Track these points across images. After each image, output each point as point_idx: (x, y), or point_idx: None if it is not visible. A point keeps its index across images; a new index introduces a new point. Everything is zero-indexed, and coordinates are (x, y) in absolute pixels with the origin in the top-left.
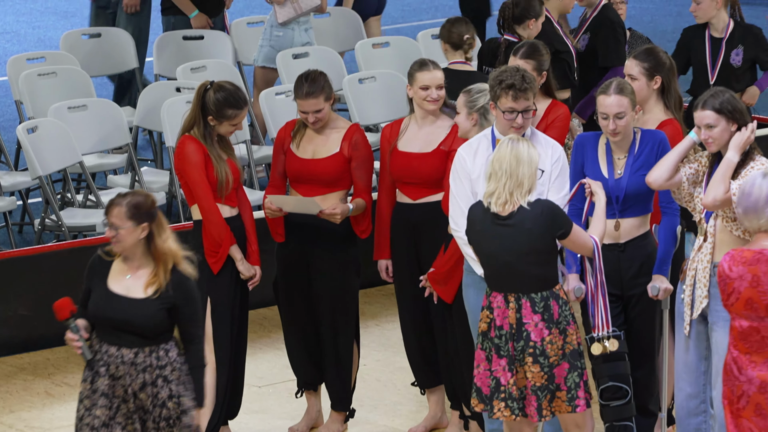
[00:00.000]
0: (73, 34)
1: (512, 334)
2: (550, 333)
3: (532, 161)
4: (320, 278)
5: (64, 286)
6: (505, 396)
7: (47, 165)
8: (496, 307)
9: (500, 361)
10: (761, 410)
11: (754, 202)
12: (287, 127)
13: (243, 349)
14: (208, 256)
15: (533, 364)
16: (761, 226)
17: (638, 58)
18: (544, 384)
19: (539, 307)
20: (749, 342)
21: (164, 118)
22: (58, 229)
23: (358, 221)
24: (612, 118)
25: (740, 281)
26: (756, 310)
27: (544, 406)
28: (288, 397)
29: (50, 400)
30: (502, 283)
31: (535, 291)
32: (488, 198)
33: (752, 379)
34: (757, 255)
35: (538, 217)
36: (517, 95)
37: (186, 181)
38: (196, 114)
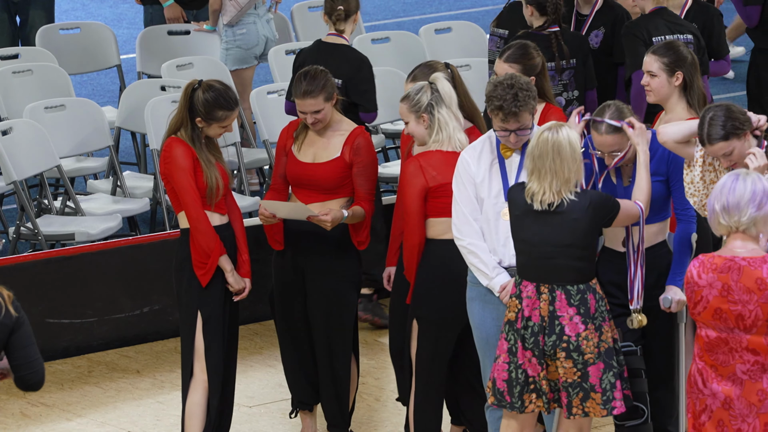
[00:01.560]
0: (50, 29)
1: (543, 327)
2: (586, 329)
3: (575, 153)
4: (315, 292)
5: (40, 299)
6: (536, 387)
7: (22, 169)
8: (525, 297)
9: (525, 353)
10: (723, 427)
11: (737, 200)
12: (290, 128)
13: (233, 367)
14: (196, 267)
15: (566, 359)
16: (741, 225)
17: (658, 53)
18: (576, 381)
19: (575, 299)
20: (715, 354)
21: (148, 119)
22: (35, 238)
23: (357, 231)
24: (608, 155)
25: (709, 289)
26: (725, 321)
27: (575, 403)
28: (281, 417)
29: (25, 421)
30: (536, 273)
31: (571, 283)
32: (531, 196)
33: (716, 394)
34: (728, 262)
35: (586, 209)
36: (506, 118)
37: (173, 187)
38: (184, 115)
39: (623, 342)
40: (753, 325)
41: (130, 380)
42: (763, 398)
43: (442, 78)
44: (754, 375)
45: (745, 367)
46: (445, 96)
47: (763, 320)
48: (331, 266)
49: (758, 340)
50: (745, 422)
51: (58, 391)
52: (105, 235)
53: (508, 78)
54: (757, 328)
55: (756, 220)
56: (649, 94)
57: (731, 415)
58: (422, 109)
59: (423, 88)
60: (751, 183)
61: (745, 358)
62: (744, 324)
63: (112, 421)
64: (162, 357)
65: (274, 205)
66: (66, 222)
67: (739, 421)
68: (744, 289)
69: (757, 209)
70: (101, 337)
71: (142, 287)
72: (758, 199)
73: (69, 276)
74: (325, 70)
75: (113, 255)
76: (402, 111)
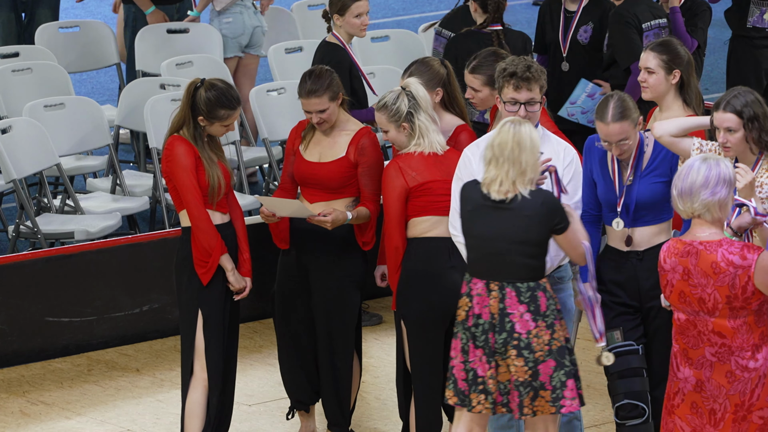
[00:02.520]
0: (50, 27)
1: (493, 325)
2: (537, 326)
3: (534, 147)
4: (318, 291)
5: (40, 297)
6: (483, 388)
7: (22, 168)
8: (475, 295)
9: (476, 351)
10: (697, 408)
11: (690, 185)
12: (299, 127)
13: (233, 365)
14: (197, 266)
15: (517, 357)
16: (695, 210)
17: (656, 51)
18: (527, 380)
19: (525, 297)
20: (687, 336)
21: (147, 117)
22: (34, 237)
23: (362, 231)
24: (615, 144)
25: (673, 273)
26: (689, 304)
27: (525, 403)
28: (280, 416)
29: (25, 420)
30: (486, 270)
31: (521, 280)
32: (488, 185)
33: (688, 378)
34: (688, 247)
35: (539, 206)
36: (519, 84)
37: (175, 185)
38: (186, 113)
39: (624, 341)
40: (714, 308)
41: (130, 378)
42: (732, 380)
43: (415, 82)
44: (722, 357)
45: (713, 349)
46: (422, 101)
47: (723, 303)
48: (335, 265)
49: (722, 323)
50: (716, 402)
51: (57, 389)
52: (104, 233)
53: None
54: (719, 311)
55: (709, 205)
56: (645, 91)
57: (703, 396)
58: (402, 118)
59: (399, 95)
60: (706, 168)
61: (712, 340)
62: (706, 307)
63: (112, 419)
64: (161, 355)
65: (272, 202)
66: (65, 220)
67: (711, 401)
68: (701, 273)
69: (710, 195)
70: (101, 335)
71: (142, 286)
72: (711, 184)
73: (68, 274)
74: (330, 69)
75: (113, 253)
76: (380, 120)
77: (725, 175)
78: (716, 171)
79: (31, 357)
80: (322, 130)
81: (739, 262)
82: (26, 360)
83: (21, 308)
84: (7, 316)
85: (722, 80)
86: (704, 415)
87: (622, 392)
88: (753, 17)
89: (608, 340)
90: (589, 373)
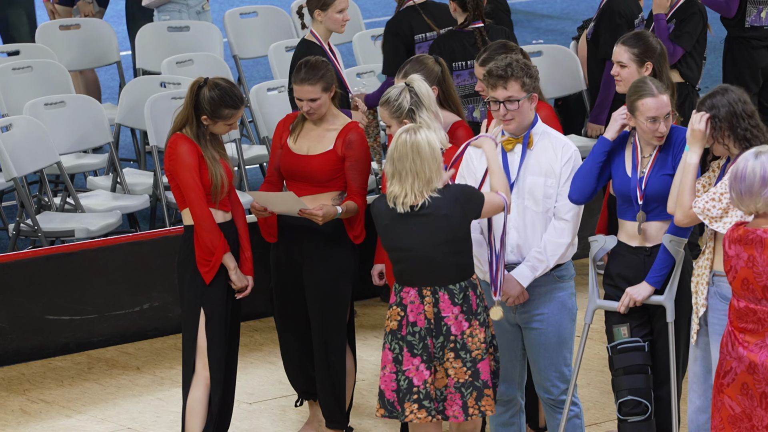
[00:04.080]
0: (50, 26)
1: (430, 330)
2: (470, 325)
3: (435, 152)
4: (311, 285)
5: (40, 295)
6: (419, 397)
7: (22, 166)
8: (408, 303)
9: (413, 360)
10: (747, 390)
11: (749, 186)
12: (287, 120)
13: (234, 364)
14: (200, 264)
15: (455, 360)
16: (759, 209)
17: (627, 44)
18: (468, 380)
19: (458, 298)
20: (745, 322)
21: (148, 116)
22: (34, 235)
23: (351, 225)
24: (662, 120)
25: (737, 260)
26: (753, 291)
27: (470, 404)
28: (281, 414)
29: (25, 418)
30: (416, 278)
31: (453, 282)
32: (393, 199)
33: (742, 358)
34: (751, 235)
35: (453, 203)
36: (495, 83)
37: (177, 184)
38: (189, 112)
39: (631, 337)
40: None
41: (130, 377)
42: None
43: (418, 79)
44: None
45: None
46: (424, 98)
47: None
48: (326, 259)
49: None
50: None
51: (57, 387)
52: (105, 231)
53: (510, 55)
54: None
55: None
56: (618, 84)
57: (755, 379)
58: (404, 115)
59: (402, 91)
60: (761, 167)
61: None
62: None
63: (112, 417)
64: (162, 354)
65: (265, 197)
66: (66, 218)
67: (764, 385)
68: (767, 261)
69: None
70: (101, 333)
71: (142, 284)
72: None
73: (69, 273)
74: (325, 60)
75: (113, 252)
76: (383, 116)
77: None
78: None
79: (32, 355)
80: (312, 120)
81: None
82: (27, 358)
83: (21, 306)
84: (8, 314)
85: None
86: (755, 397)
87: (626, 388)
88: (751, 16)
89: (615, 336)
90: (589, 372)
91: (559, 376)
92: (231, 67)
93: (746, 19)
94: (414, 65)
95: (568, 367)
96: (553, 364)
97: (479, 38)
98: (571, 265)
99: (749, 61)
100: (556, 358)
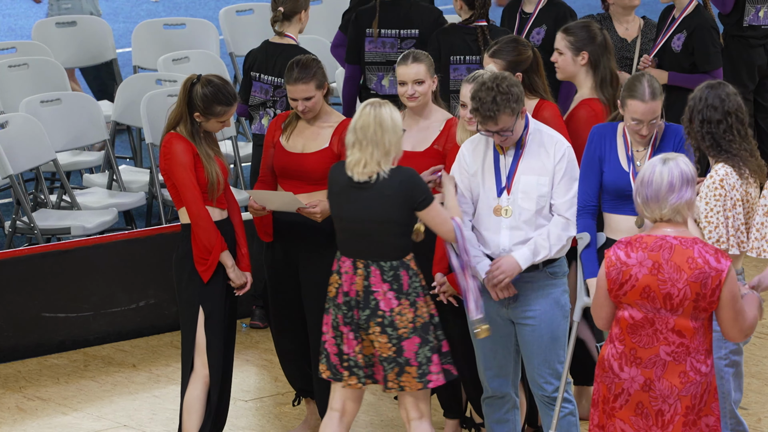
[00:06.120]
0: (46, 23)
1: (358, 302)
2: (400, 304)
3: (396, 127)
4: (306, 283)
5: (36, 293)
6: (350, 364)
7: (18, 163)
8: (344, 272)
9: (344, 327)
10: (643, 409)
11: (655, 191)
12: (278, 119)
13: (231, 361)
14: (197, 263)
15: (381, 334)
16: (663, 216)
17: (564, 32)
18: (391, 356)
19: (388, 275)
20: (639, 336)
21: (144, 113)
22: (30, 232)
23: None
24: (647, 124)
25: (639, 267)
26: (653, 300)
27: (390, 378)
28: (277, 411)
29: (21, 415)
30: (353, 248)
31: (385, 259)
32: (353, 167)
33: (635, 377)
34: (659, 241)
35: (397, 185)
36: (485, 120)
37: (173, 183)
38: (183, 110)
39: None
40: (680, 305)
41: (126, 374)
42: (685, 381)
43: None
44: (678, 357)
45: (670, 348)
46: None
47: (690, 300)
48: (322, 257)
49: (685, 322)
50: (666, 403)
51: (54, 385)
52: (101, 229)
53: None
54: (683, 308)
55: (678, 208)
56: (557, 71)
57: (651, 396)
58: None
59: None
60: (668, 172)
61: (670, 339)
62: (671, 304)
63: (108, 415)
64: (158, 351)
65: (264, 196)
66: (62, 216)
67: (660, 402)
68: (675, 268)
69: (678, 198)
70: (97, 331)
71: (138, 281)
72: (677, 187)
73: (65, 270)
74: (316, 59)
75: (109, 249)
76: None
77: (687, 174)
78: (678, 172)
79: (28, 353)
80: (307, 118)
81: (714, 263)
82: (22, 356)
83: (17, 304)
84: (4, 311)
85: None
86: (650, 416)
87: None
88: (749, 16)
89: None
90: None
91: (553, 372)
92: (227, 65)
93: (744, 19)
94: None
95: (562, 364)
96: (547, 360)
97: (481, 36)
98: (564, 262)
99: (746, 59)
100: (549, 354)
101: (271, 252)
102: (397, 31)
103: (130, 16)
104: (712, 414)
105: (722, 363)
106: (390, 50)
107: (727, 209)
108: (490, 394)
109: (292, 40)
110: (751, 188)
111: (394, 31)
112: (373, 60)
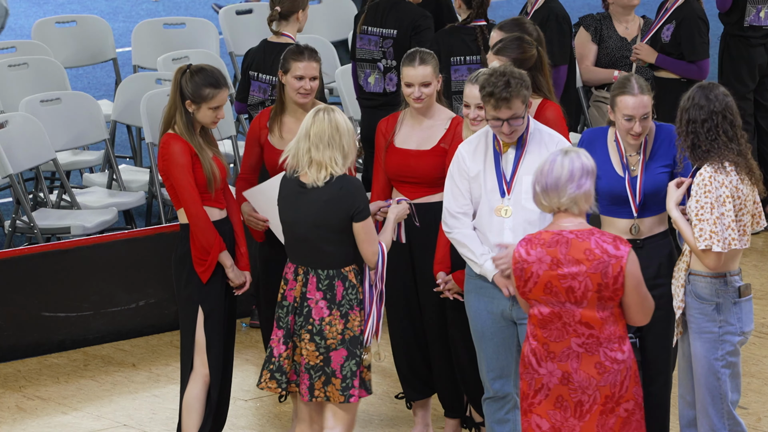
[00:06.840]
0: (46, 22)
1: (294, 308)
2: (331, 314)
3: (350, 131)
4: None
5: (36, 292)
6: (274, 368)
7: (18, 163)
8: (289, 279)
9: (278, 332)
10: (562, 401)
11: (555, 180)
12: (262, 117)
13: (230, 361)
14: (196, 264)
15: (309, 342)
16: (561, 205)
17: (504, 29)
18: (318, 365)
19: (323, 284)
20: (549, 330)
21: (143, 112)
22: (30, 232)
23: None
24: (638, 120)
25: (539, 264)
26: (556, 294)
27: (316, 386)
28: (276, 411)
29: (21, 415)
30: (296, 254)
31: (323, 267)
32: (310, 172)
33: (553, 371)
34: (556, 236)
35: (337, 191)
36: (498, 104)
37: (172, 184)
38: (175, 100)
39: None
40: (583, 297)
41: (126, 374)
42: (602, 371)
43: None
44: (590, 348)
45: (580, 340)
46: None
47: (593, 292)
48: None
49: (591, 314)
50: (585, 394)
51: (54, 384)
52: (101, 228)
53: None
54: (587, 300)
55: (576, 199)
56: None
57: (570, 388)
58: None
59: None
60: (569, 162)
61: (579, 331)
62: (575, 296)
63: (108, 414)
64: (158, 350)
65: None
66: (62, 215)
67: (579, 393)
68: (573, 261)
69: (576, 188)
70: (97, 330)
71: (138, 281)
72: (576, 177)
73: (65, 270)
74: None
75: (109, 248)
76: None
77: (588, 166)
78: (579, 163)
79: (28, 352)
80: (307, 101)
81: (612, 251)
82: (22, 355)
83: (17, 303)
84: (4, 311)
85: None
86: (569, 408)
87: None
88: (750, 16)
89: None
90: None
91: None
92: (227, 64)
93: (745, 19)
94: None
95: None
96: None
97: (480, 36)
98: None
99: (747, 58)
100: None
101: (265, 250)
102: (380, 29)
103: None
104: (632, 398)
105: (719, 364)
106: (374, 48)
107: (715, 207)
108: (492, 395)
109: (290, 39)
110: (741, 185)
111: (377, 30)
112: (362, 57)
